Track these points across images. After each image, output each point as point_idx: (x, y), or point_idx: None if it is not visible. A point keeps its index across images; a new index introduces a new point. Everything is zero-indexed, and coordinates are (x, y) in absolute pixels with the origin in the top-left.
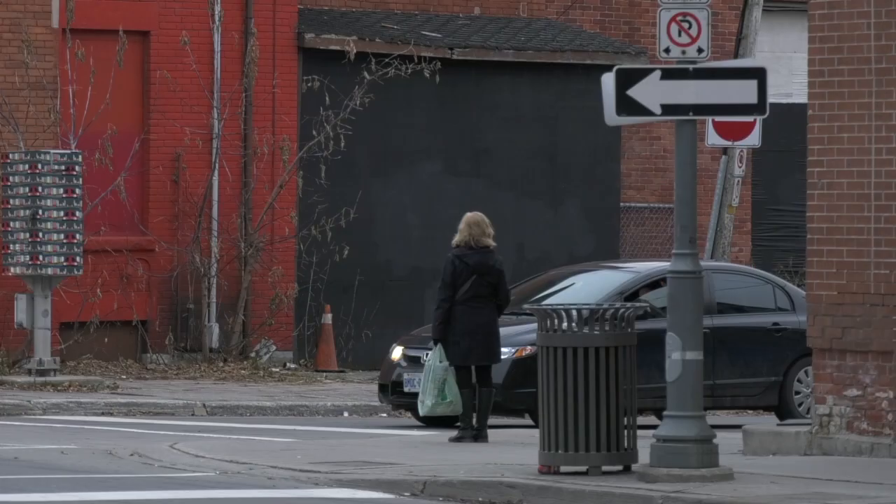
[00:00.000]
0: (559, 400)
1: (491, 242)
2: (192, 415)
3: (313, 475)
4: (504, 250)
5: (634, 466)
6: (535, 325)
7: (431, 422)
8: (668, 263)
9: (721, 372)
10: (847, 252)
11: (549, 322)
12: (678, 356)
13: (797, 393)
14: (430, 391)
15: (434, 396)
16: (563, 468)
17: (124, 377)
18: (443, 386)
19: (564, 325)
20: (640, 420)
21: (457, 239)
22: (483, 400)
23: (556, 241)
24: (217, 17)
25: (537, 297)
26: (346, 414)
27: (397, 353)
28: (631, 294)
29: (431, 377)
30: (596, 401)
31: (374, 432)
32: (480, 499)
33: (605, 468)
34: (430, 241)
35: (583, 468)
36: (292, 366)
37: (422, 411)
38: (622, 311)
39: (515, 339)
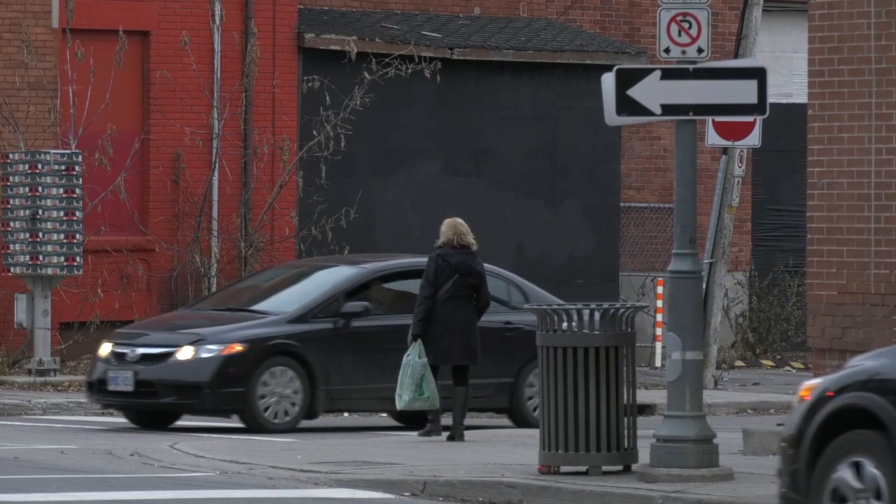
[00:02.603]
0: (559, 400)
1: (473, 243)
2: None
3: (313, 475)
4: (504, 250)
5: (634, 466)
6: (247, 323)
7: (141, 423)
8: (402, 260)
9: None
10: (847, 252)
11: (549, 322)
12: (678, 356)
13: (530, 397)
14: (408, 386)
15: (412, 392)
16: (563, 468)
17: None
18: (421, 381)
19: (564, 325)
20: (375, 421)
21: (440, 240)
22: (459, 398)
23: (556, 241)
24: (217, 17)
25: (263, 292)
26: (346, 414)
27: (105, 349)
28: (353, 291)
29: (410, 372)
30: (596, 401)
31: (374, 432)
32: (480, 499)
33: (605, 468)
34: (430, 241)
35: (583, 468)
36: None
37: (399, 406)
38: (622, 311)
39: (225, 336)
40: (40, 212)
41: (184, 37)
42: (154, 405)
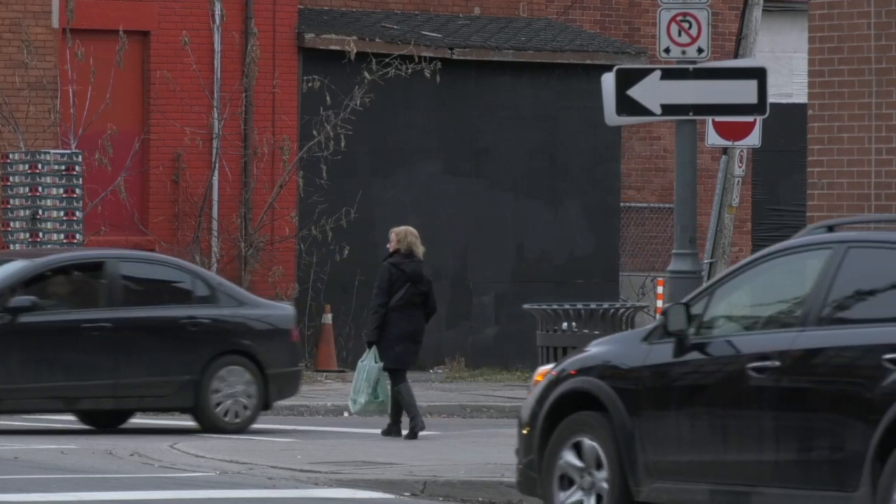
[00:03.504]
0: None
1: (420, 253)
2: None
3: (313, 475)
4: (504, 250)
5: None
6: None
7: None
8: (76, 252)
9: (125, 370)
10: None
11: (548, 322)
12: None
13: (216, 392)
14: (364, 390)
15: (368, 395)
16: None
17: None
18: (376, 385)
19: (564, 325)
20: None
21: (392, 247)
22: (405, 393)
23: (556, 241)
24: (217, 17)
25: None
26: (346, 414)
27: None
28: (23, 285)
29: (366, 377)
30: None
31: (375, 432)
32: (480, 499)
33: None
34: (430, 241)
35: None
36: None
37: (353, 409)
38: (622, 311)
39: None
40: (40, 212)
41: (184, 37)
42: None
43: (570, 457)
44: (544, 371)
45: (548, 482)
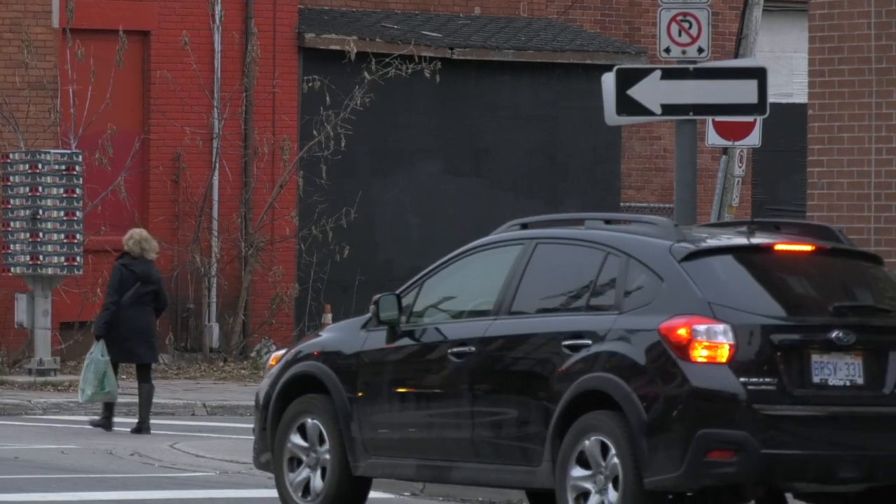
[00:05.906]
0: None
1: (153, 255)
2: (192, 415)
3: None
4: None
5: None
6: None
7: None
8: None
9: None
10: None
11: None
12: None
13: None
14: (91, 381)
15: (94, 386)
16: None
17: (124, 377)
18: (103, 377)
19: None
20: None
21: (126, 249)
22: (146, 394)
23: None
24: (217, 17)
25: None
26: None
27: None
28: None
29: (94, 369)
30: None
31: None
32: (480, 499)
33: None
34: (430, 241)
35: None
36: None
37: (82, 399)
38: None
39: None
40: (40, 212)
41: (184, 37)
42: None
43: (297, 439)
44: (278, 356)
45: (279, 463)
